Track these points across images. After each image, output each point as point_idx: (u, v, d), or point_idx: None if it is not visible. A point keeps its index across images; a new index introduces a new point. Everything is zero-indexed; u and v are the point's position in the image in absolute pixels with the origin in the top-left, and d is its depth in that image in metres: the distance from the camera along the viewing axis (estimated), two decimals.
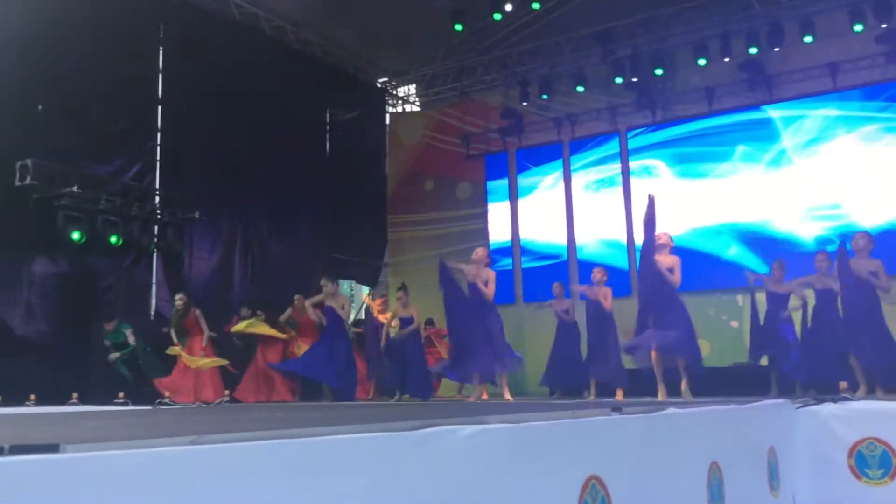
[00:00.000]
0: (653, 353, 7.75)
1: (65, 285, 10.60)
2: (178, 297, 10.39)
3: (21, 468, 1.30)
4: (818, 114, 12.12)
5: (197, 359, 9.94)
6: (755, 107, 12.61)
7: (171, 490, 1.44)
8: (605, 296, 9.53)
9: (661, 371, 7.73)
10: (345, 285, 17.35)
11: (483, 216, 14.97)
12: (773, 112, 12.50)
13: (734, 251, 12.47)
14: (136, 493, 1.40)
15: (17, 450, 1.35)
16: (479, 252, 8.89)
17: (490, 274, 8.58)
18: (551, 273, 13.41)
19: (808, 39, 11.83)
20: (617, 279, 11.11)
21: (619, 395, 8.99)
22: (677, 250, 8.32)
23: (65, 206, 10.08)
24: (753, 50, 12.20)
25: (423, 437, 2.10)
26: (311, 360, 10.17)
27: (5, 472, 1.28)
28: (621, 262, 13.24)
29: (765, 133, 12.50)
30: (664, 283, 7.73)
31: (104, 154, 11.05)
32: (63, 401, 9.27)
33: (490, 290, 8.43)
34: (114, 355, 10.32)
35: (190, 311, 10.18)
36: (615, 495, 2.93)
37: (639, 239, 9.56)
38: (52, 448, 1.38)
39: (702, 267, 11.84)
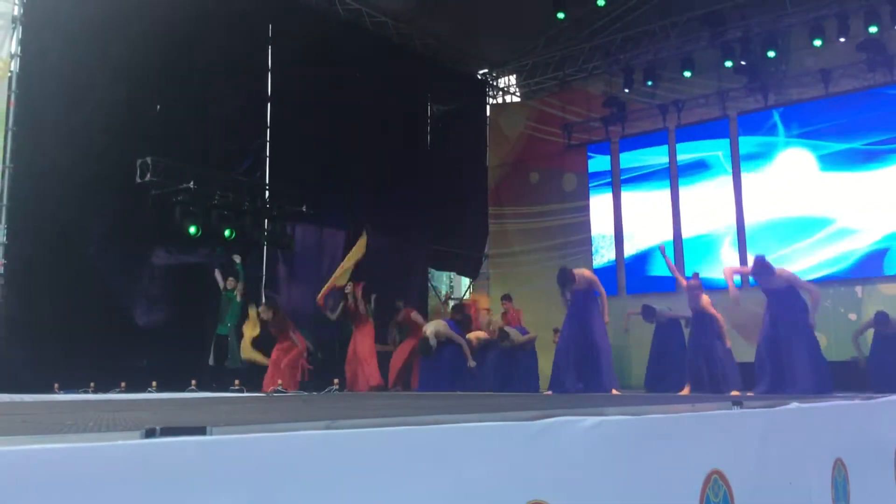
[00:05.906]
0: None
1: (182, 277, 11.08)
2: (261, 308, 10.33)
3: (173, 448, 1.38)
4: None
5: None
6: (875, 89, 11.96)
7: (309, 471, 1.50)
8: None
9: None
10: (444, 277, 17.43)
11: (585, 208, 14.76)
12: None
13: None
14: (277, 473, 1.46)
15: (168, 431, 1.43)
16: (582, 272, 8.39)
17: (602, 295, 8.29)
18: (654, 263, 13.12)
19: None
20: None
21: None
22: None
23: (182, 201, 10.51)
24: (873, 29, 11.59)
25: (545, 426, 2.09)
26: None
27: (159, 452, 1.36)
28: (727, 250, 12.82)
29: None
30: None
31: (217, 151, 11.49)
32: (182, 387, 9.70)
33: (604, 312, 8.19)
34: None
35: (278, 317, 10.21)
36: (737, 491, 2.84)
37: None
38: (200, 430, 1.46)
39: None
